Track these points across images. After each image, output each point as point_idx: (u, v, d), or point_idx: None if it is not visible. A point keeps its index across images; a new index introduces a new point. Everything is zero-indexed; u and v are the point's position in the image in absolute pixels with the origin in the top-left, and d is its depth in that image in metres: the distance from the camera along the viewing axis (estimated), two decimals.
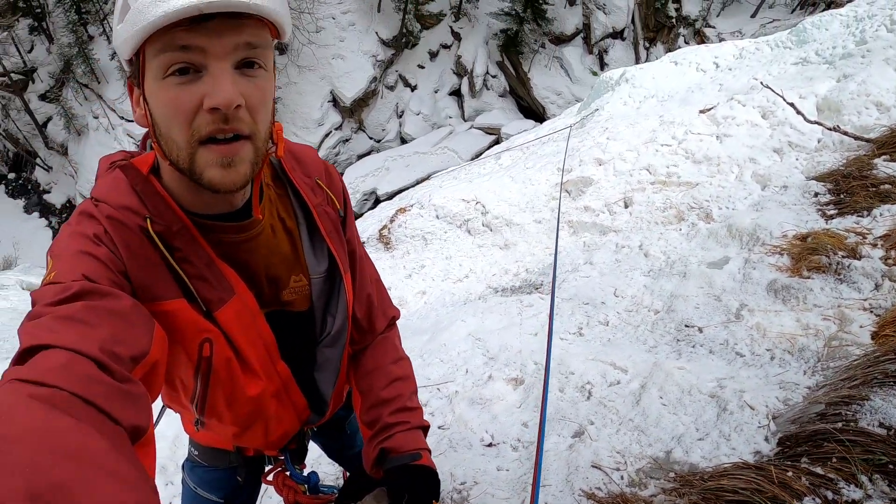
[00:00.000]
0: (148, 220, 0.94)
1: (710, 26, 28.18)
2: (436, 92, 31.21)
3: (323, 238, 1.16)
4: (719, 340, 3.19)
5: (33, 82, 35.98)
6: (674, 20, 28.75)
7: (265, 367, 1.12)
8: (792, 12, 27.23)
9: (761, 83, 6.58)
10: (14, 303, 9.07)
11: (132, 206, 0.95)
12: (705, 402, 2.65)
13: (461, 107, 30.89)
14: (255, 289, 1.08)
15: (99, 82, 36.07)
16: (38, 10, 36.03)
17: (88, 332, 0.74)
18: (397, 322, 1.44)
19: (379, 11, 31.59)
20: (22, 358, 0.70)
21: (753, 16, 27.72)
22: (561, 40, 30.05)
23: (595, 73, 28.15)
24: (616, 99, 9.34)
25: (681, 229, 5.03)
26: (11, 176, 37.30)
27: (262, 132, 0.89)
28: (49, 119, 36.04)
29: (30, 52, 36.48)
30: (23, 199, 36.39)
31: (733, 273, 3.76)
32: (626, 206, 5.91)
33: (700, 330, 3.37)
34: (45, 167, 36.91)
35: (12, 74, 34.90)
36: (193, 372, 1.04)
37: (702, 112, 6.70)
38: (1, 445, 0.53)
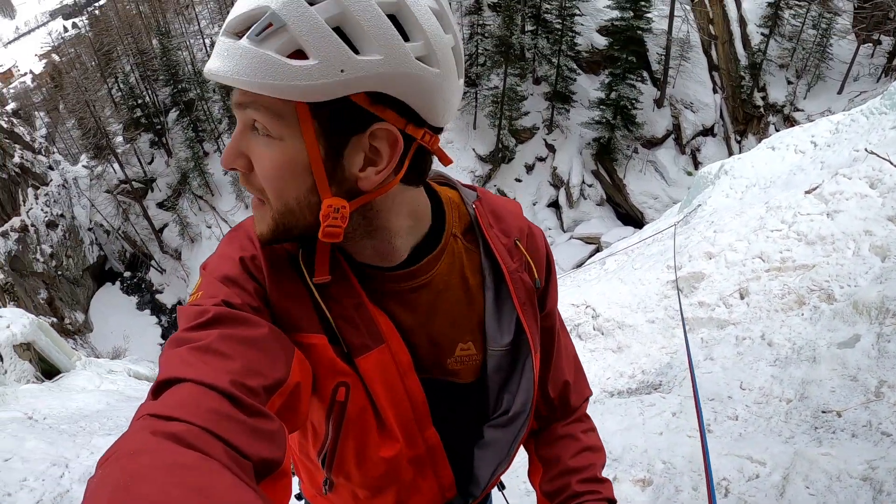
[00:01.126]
0: (300, 250, 0.91)
1: (798, 110, 27.54)
2: (534, 204, 31.95)
3: (513, 307, 1.02)
4: (861, 422, 2.99)
5: (152, 191, 40.30)
6: (762, 109, 28.41)
7: (407, 431, 1.02)
8: (878, 81, 26.22)
9: (865, 150, 6.40)
10: (121, 386, 9.38)
11: None
12: (858, 487, 2.47)
13: (560, 218, 31.30)
14: (412, 346, 0.99)
15: (213, 195, 39.32)
16: (159, 127, 41.34)
17: (221, 364, 0.74)
18: None
19: (475, 128, 33.41)
20: (157, 391, 0.72)
21: (840, 91, 26.92)
22: (653, 143, 30.35)
23: (690, 173, 27.93)
24: (717, 192, 9.27)
25: (803, 314, 4.81)
26: (127, 274, 41.16)
27: (273, 199, 0.82)
28: (165, 225, 39.63)
29: (150, 163, 41.20)
30: (136, 297, 39.62)
31: (867, 350, 3.55)
32: (742, 297, 5.72)
33: (839, 414, 3.17)
34: (160, 269, 40.13)
35: (134, 182, 39.77)
36: (325, 415, 0.98)
37: (807, 192, 6.54)
38: (128, 481, 0.54)
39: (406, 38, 0.74)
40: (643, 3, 28.59)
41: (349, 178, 0.81)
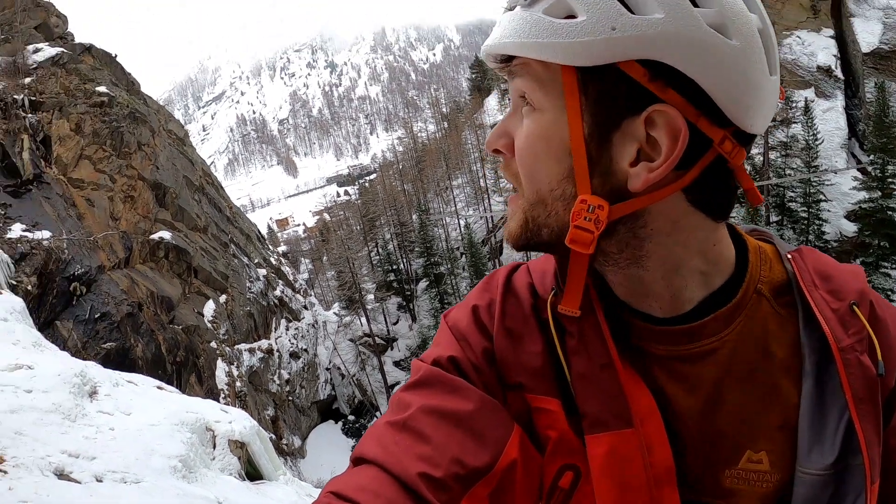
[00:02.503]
0: (552, 293, 0.76)
1: None
2: None
3: (844, 406, 0.67)
4: None
5: (391, 349, 43.55)
6: None
7: None
8: None
9: None
10: None
11: (545, 271, 0.81)
12: None
13: None
14: (678, 442, 0.71)
15: None
16: (408, 293, 45.28)
17: (413, 448, 0.66)
18: None
19: None
20: (354, 462, 0.69)
21: None
22: None
23: None
24: None
25: None
26: (351, 418, 43.25)
27: (525, 183, 0.70)
28: (398, 383, 41.88)
29: (395, 324, 44.81)
30: (353, 440, 40.83)
31: None
32: None
33: None
34: None
35: (376, 337, 43.11)
36: (534, 500, 0.75)
37: None
38: None
39: (694, 5, 0.60)
40: (891, 179, 26.27)
41: (615, 173, 0.64)
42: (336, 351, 45.35)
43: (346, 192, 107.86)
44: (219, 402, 17.88)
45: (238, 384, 28.30)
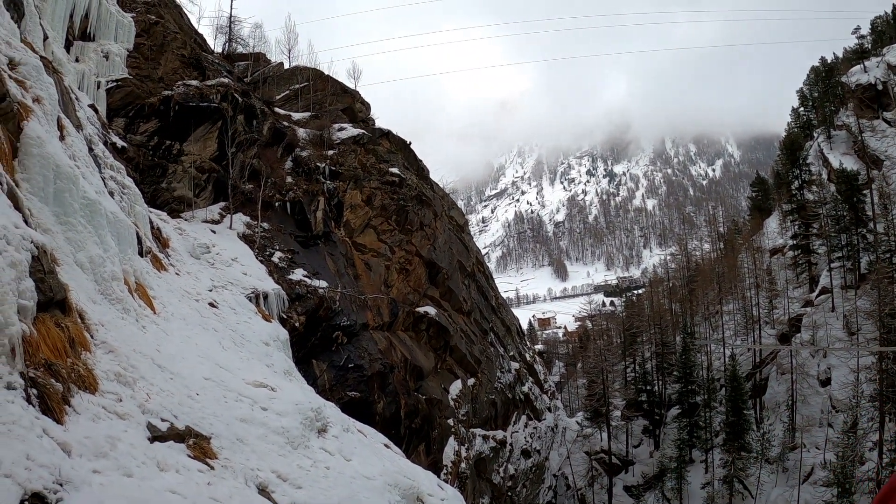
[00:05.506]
0: None
1: None
2: None
3: None
4: None
5: (626, 472, 41.80)
6: None
7: None
8: None
9: None
10: None
11: None
12: None
13: None
14: None
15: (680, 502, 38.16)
16: (657, 418, 43.16)
17: None
18: None
19: None
20: None
21: None
22: None
23: None
24: None
25: None
26: None
27: None
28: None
29: (636, 446, 43.14)
30: None
31: None
32: None
33: None
34: None
35: (613, 456, 41.42)
36: None
37: None
38: None
39: None
40: None
41: None
42: (569, 460, 44.20)
43: (612, 303, 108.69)
44: (439, 477, 17.78)
45: (463, 465, 28.30)
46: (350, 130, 30.40)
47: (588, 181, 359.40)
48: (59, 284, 8.30)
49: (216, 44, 33.59)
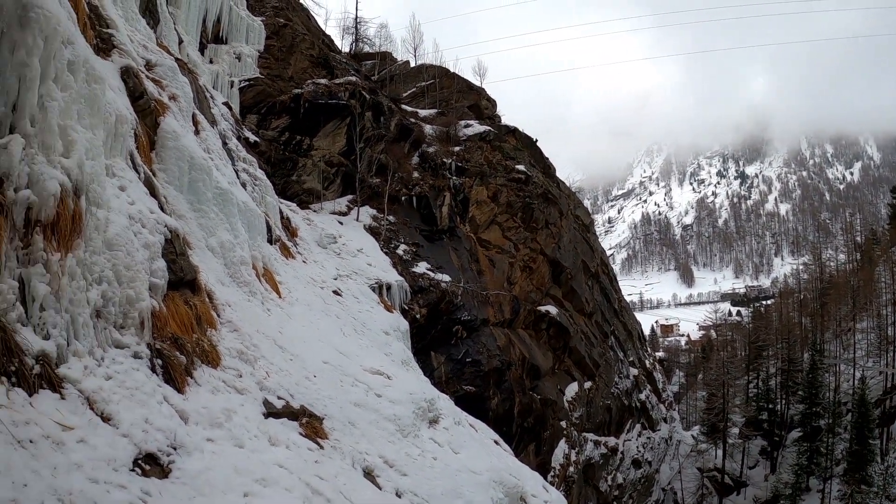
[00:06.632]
0: None
1: None
2: None
3: None
4: None
5: (737, 494, 39.48)
6: None
7: None
8: None
9: None
10: None
11: None
12: None
13: None
14: None
15: None
16: (776, 439, 40.41)
17: None
18: None
19: None
20: None
21: None
22: None
23: None
24: None
25: None
26: None
27: None
28: None
29: (751, 468, 40.73)
30: None
31: None
32: None
33: None
34: None
35: (727, 476, 39.30)
36: None
37: None
38: None
39: None
40: None
41: None
42: (680, 475, 41.82)
43: (739, 313, 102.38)
44: (546, 479, 17.34)
45: (571, 469, 27.56)
46: (476, 127, 30.50)
47: (718, 182, 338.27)
48: (191, 266, 8.90)
49: (343, 44, 35.09)
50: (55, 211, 5.30)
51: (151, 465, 5.07)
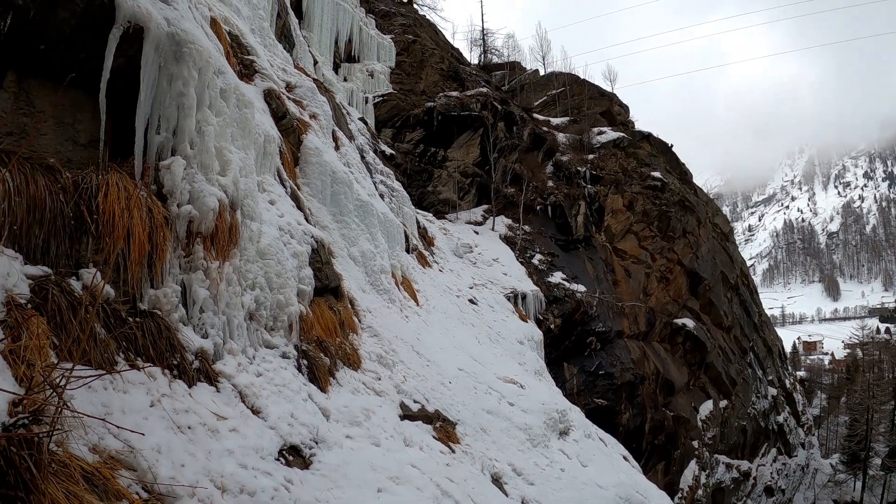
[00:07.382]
0: None
1: None
2: None
3: None
4: None
5: None
6: None
7: None
8: None
9: None
10: None
11: None
12: None
13: None
14: None
15: None
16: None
17: None
18: None
19: None
20: None
21: None
22: None
23: None
24: None
25: None
26: None
27: None
28: None
29: None
30: None
31: None
32: None
33: None
34: None
35: None
36: None
37: None
38: None
39: None
40: None
41: None
42: None
43: (888, 330, 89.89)
44: (672, 500, 16.27)
45: (699, 492, 25.59)
46: (609, 134, 29.76)
47: (865, 185, 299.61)
48: (334, 274, 9.47)
49: (472, 56, 35.67)
50: (214, 224, 5.87)
51: (294, 456, 5.44)
